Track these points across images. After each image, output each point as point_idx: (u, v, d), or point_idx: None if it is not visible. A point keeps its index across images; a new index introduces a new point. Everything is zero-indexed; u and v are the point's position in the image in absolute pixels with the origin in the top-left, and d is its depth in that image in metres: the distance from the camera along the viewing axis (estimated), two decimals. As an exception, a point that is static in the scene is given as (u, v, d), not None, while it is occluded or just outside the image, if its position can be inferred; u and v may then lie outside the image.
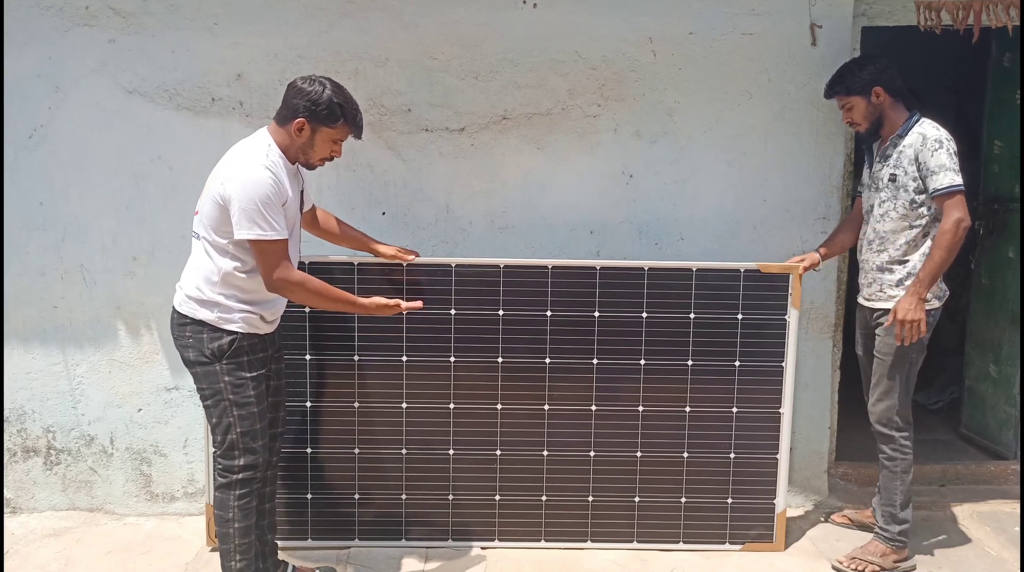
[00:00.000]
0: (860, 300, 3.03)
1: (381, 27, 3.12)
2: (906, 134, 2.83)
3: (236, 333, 2.43)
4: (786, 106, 3.23)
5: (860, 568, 2.92)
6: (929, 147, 2.77)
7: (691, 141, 3.23)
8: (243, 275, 2.41)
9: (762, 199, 3.25)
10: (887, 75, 2.85)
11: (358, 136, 2.53)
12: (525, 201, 3.24)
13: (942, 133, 2.80)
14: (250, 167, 2.32)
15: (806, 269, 3.00)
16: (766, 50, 3.19)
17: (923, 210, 2.82)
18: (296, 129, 2.40)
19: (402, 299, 2.70)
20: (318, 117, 2.40)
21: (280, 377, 2.69)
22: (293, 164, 2.47)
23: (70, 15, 3.07)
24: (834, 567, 2.96)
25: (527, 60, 3.16)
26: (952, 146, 2.79)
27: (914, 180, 2.81)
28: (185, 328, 2.44)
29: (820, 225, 3.27)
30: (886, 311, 2.89)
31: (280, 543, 2.86)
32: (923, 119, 2.86)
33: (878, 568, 2.93)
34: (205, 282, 2.41)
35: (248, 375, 2.46)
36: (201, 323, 2.42)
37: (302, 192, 2.58)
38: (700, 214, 3.27)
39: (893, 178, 2.85)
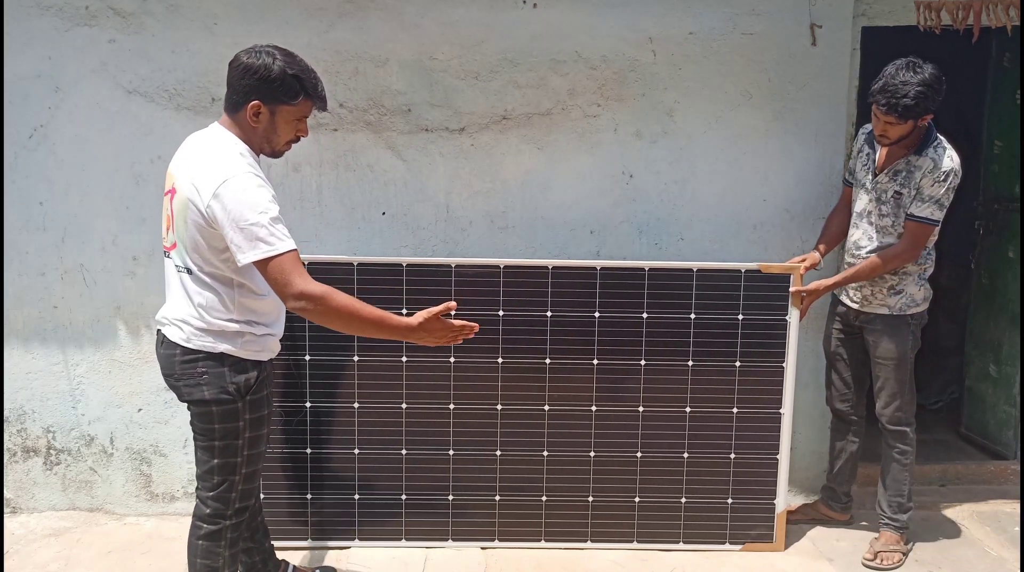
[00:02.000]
0: (844, 299, 3.07)
1: (381, 27, 3.12)
2: (921, 154, 2.81)
3: (262, 362, 2.21)
4: (786, 106, 3.23)
5: (889, 561, 3.01)
6: (935, 176, 2.79)
7: (691, 141, 3.23)
8: (256, 297, 2.17)
9: (762, 199, 3.25)
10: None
11: (323, 108, 2.19)
12: (525, 201, 3.23)
13: (955, 163, 2.80)
14: (234, 179, 2.00)
15: (807, 269, 3.01)
16: (766, 50, 3.19)
17: None
18: (252, 114, 2.07)
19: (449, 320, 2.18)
20: (274, 95, 2.06)
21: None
22: (258, 156, 2.17)
23: (70, 15, 3.07)
24: (864, 564, 3.01)
25: (527, 60, 3.16)
26: (957, 180, 2.81)
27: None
28: (197, 364, 2.13)
29: (820, 225, 3.27)
30: (879, 316, 2.96)
31: (280, 543, 2.86)
32: (940, 139, 2.83)
33: (901, 555, 3.04)
34: (219, 313, 2.12)
35: (265, 412, 2.25)
36: (222, 357, 2.13)
37: None
38: (700, 214, 3.27)
39: (898, 196, 2.85)
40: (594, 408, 3.04)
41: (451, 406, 3.02)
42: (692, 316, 3.00)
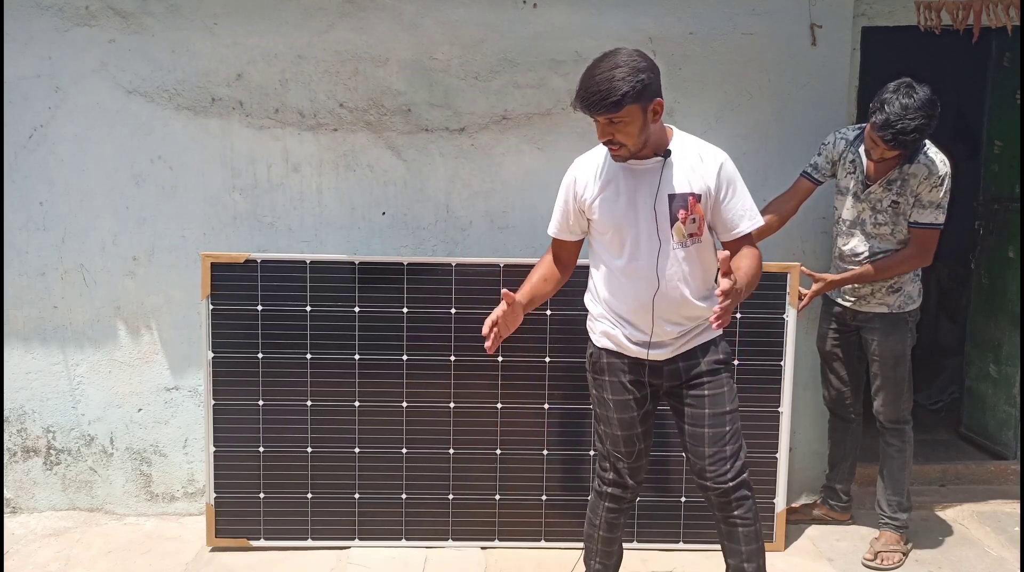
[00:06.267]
0: (839, 300, 3.07)
1: (381, 27, 3.12)
2: (914, 162, 2.81)
3: (595, 347, 2.33)
4: (786, 106, 3.23)
5: (890, 561, 3.00)
6: (931, 182, 2.80)
7: (691, 141, 3.22)
8: (595, 271, 2.32)
9: (762, 199, 3.23)
10: None
11: (576, 108, 2.23)
12: (525, 201, 3.23)
13: (947, 166, 2.82)
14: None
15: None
16: (766, 50, 3.19)
17: None
18: None
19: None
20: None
21: (702, 405, 2.31)
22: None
23: (70, 15, 3.07)
24: (864, 564, 3.01)
25: (527, 60, 3.16)
26: (950, 179, 2.82)
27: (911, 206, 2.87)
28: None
29: (820, 225, 3.28)
30: (878, 314, 2.97)
31: (280, 543, 2.85)
32: (929, 144, 2.83)
33: (901, 555, 3.03)
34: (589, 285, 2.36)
35: (609, 397, 2.32)
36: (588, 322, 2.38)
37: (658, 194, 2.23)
38: (700, 214, 3.27)
39: (895, 204, 2.86)
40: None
41: (451, 405, 3.02)
42: (692, 316, 2.99)
